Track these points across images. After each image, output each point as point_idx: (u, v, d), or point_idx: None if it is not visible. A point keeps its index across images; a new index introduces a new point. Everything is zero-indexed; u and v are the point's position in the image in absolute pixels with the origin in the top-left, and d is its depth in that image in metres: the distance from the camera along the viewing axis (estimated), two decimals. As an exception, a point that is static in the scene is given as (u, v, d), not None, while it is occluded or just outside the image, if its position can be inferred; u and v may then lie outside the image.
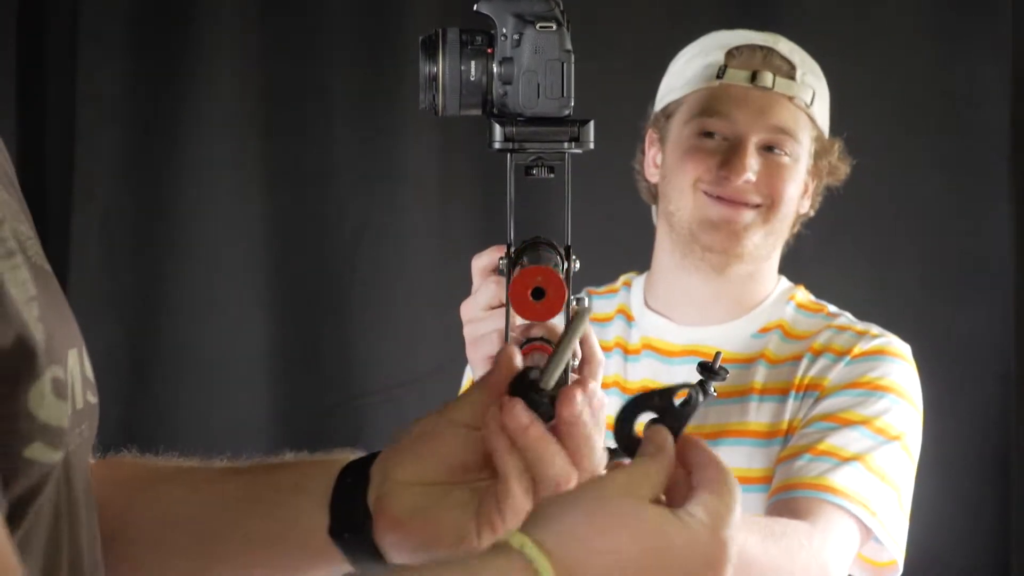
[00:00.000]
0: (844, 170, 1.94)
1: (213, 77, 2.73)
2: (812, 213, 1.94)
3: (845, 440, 1.74)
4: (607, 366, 1.88)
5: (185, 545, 1.03)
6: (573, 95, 1.03)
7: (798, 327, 1.89)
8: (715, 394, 1.45)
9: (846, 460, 1.72)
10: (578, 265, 1.12)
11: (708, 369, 1.46)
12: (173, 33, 2.73)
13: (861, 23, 2.75)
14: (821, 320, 1.89)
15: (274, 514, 1.01)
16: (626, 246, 2.10)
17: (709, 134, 1.84)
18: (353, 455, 1.02)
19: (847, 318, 1.90)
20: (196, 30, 2.73)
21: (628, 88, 2.51)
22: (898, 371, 1.82)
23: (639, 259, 2.00)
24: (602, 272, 1.95)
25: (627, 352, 1.91)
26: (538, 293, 0.98)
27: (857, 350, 1.82)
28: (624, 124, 2.00)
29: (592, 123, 1.04)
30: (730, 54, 1.86)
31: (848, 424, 1.76)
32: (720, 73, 1.85)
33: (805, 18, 2.68)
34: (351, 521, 0.97)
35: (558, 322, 1.08)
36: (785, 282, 1.95)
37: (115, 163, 2.74)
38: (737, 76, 1.84)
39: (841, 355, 1.82)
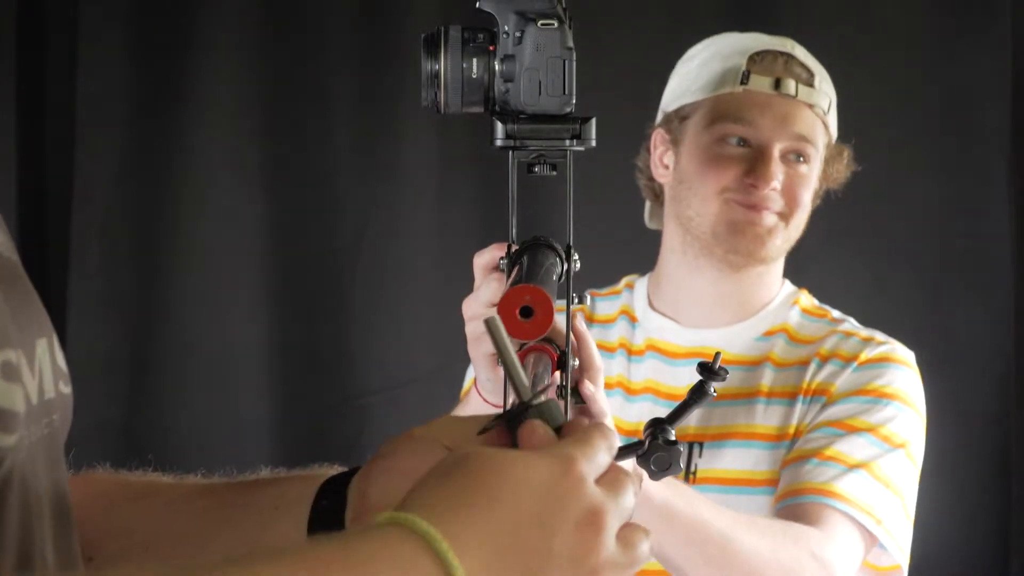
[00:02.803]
0: (845, 174, 1.95)
1: (213, 77, 2.73)
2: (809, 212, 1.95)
3: (851, 447, 1.75)
4: (611, 367, 1.88)
5: (165, 562, 1.02)
6: (575, 92, 1.04)
7: (803, 332, 1.89)
8: (715, 394, 1.46)
9: (852, 467, 1.73)
10: (579, 265, 1.12)
11: (708, 369, 1.47)
12: (173, 34, 2.73)
13: (861, 24, 2.75)
14: (825, 325, 1.90)
15: (252, 533, 1.01)
16: (627, 247, 2.10)
17: (731, 140, 1.84)
18: (332, 471, 1.02)
19: (851, 324, 1.91)
20: (196, 30, 2.73)
21: (630, 88, 2.52)
22: (903, 378, 1.83)
23: (641, 260, 2.00)
24: (604, 272, 1.95)
25: (631, 353, 1.91)
26: (526, 311, 0.97)
27: (864, 356, 1.83)
28: (626, 124, 2.00)
29: (594, 120, 1.04)
30: (752, 59, 1.85)
31: (854, 431, 1.77)
32: (744, 79, 1.84)
33: (805, 18, 2.69)
34: None
35: (558, 322, 1.08)
36: (789, 286, 1.95)
37: (115, 164, 2.74)
38: (761, 83, 1.84)
39: (848, 361, 1.83)
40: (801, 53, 1.88)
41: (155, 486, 1.06)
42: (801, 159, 1.85)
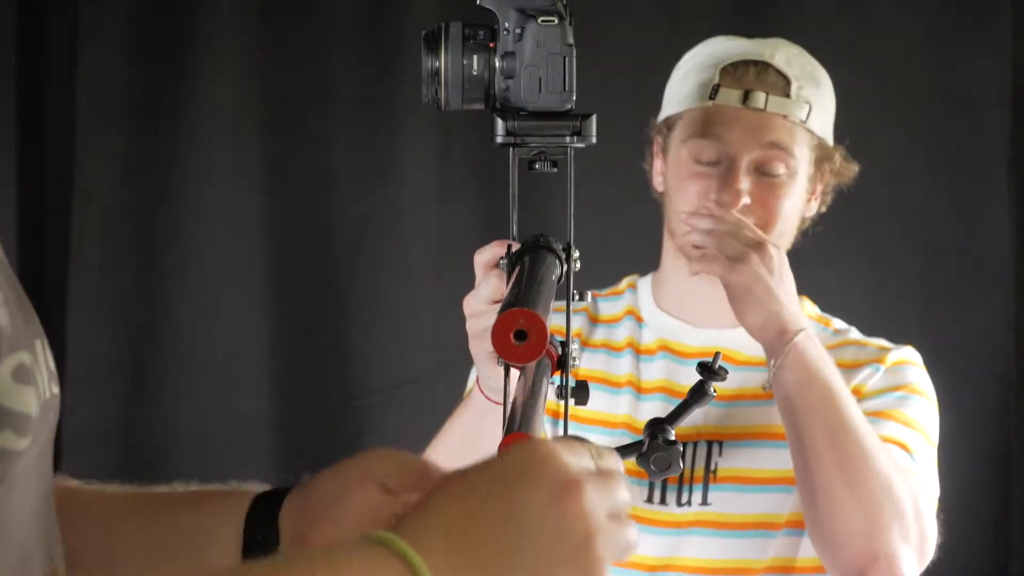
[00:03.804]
0: (852, 169, 1.94)
1: (213, 77, 2.73)
2: (823, 209, 1.94)
3: (901, 434, 1.78)
4: (619, 366, 1.89)
5: None
6: (575, 89, 1.04)
7: None
8: (715, 394, 1.46)
9: (912, 453, 1.77)
10: (579, 265, 1.12)
11: (708, 369, 1.47)
12: (173, 33, 2.73)
13: (861, 24, 2.75)
14: (831, 336, 1.91)
15: (184, 555, 1.01)
16: (629, 246, 2.10)
17: (702, 156, 1.83)
18: (256, 489, 1.02)
19: (857, 333, 1.92)
20: (196, 30, 2.73)
21: (631, 86, 2.52)
22: (925, 379, 1.87)
23: (642, 257, 2.00)
24: (605, 269, 1.94)
25: (639, 352, 1.91)
26: (520, 335, 0.97)
27: (890, 360, 1.85)
28: (627, 123, 2.00)
29: (594, 117, 1.04)
30: (724, 71, 1.84)
31: (896, 421, 1.80)
32: (713, 93, 1.83)
33: (805, 19, 2.69)
34: None
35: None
36: None
37: (115, 163, 2.74)
38: (729, 96, 1.82)
39: (876, 363, 1.85)
40: (782, 58, 1.85)
41: (78, 499, 1.04)
42: (776, 168, 1.83)
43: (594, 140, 1.05)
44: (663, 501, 1.83)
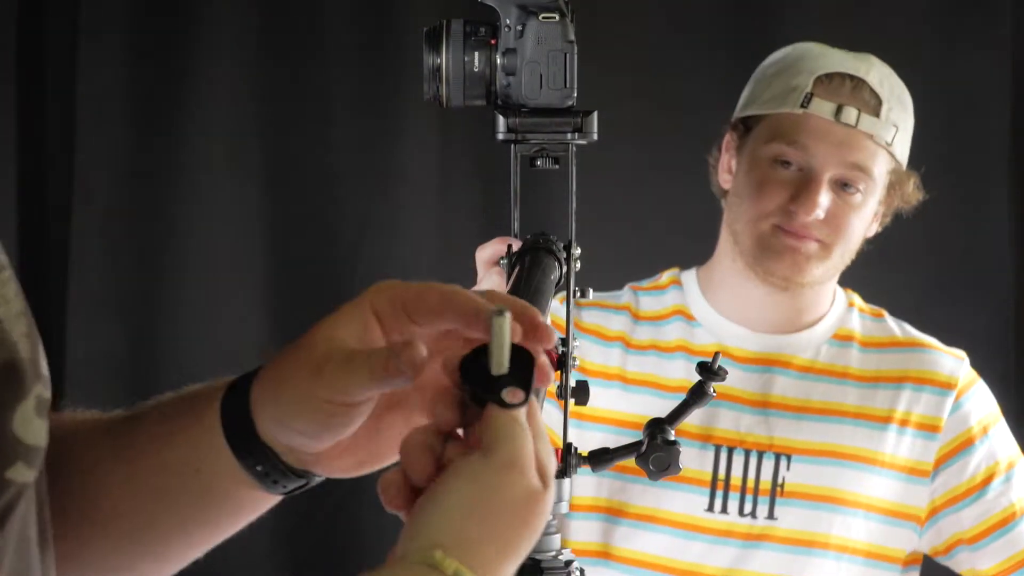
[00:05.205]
0: (917, 197, 1.93)
1: (213, 77, 2.73)
2: (879, 230, 1.94)
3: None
4: (671, 369, 1.88)
5: (122, 528, 0.95)
6: (576, 86, 1.04)
7: (869, 334, 1.93)
8: (714, 394, 1.46)
9: None
10: (579, 265, 1.12)
11: (707, 369, 1.47)
12: (173, 33, 2.73)
13: (861, 24, 2.74)
14: (887, 327, 1.93)
15: (182, 497, 0.96)
16: (631, 245, 2.09)
17: (783, 162, 1.82)
18: (219, 393, 0.97)
19: (911, 329, 1.95)
20: (196, 30, 2.73)
21: (632, 85, 2.52)
22: (992, 400, 1.94)
23: (645, 254, 2.00)
24: (607, 267, 1.93)
25: (693, 354, 1.89)
26: None
27: (960, 385, 1.90)
28: (629, 122, 2.00)
29: (596, 114, 1.04)
30: (818, 81, 1.82)
31: (1016, 517, 1.86)
32: (806, 101, 1.81)
33: (805, 18, 2.68)
34: (286, 486, 0.92)
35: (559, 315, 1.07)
36: (839, 289, 1.95)
37: (115, 163, 2.74)
38: (822, 108, 1.80)
39: (944, 388, 1.89)
40: (876, 77, 1.84)
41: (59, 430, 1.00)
42: (854, 188, 1.82)
43: (595, 137, 1.05)
44: (724, 510, 1.81)
